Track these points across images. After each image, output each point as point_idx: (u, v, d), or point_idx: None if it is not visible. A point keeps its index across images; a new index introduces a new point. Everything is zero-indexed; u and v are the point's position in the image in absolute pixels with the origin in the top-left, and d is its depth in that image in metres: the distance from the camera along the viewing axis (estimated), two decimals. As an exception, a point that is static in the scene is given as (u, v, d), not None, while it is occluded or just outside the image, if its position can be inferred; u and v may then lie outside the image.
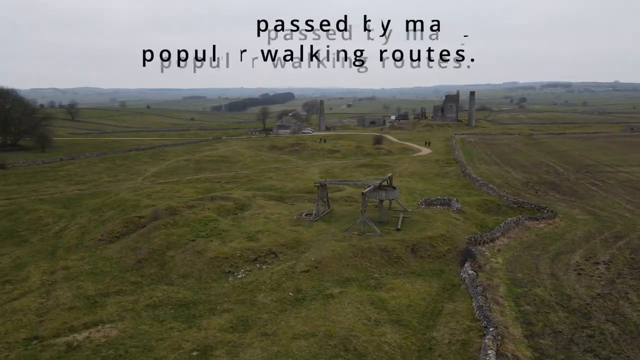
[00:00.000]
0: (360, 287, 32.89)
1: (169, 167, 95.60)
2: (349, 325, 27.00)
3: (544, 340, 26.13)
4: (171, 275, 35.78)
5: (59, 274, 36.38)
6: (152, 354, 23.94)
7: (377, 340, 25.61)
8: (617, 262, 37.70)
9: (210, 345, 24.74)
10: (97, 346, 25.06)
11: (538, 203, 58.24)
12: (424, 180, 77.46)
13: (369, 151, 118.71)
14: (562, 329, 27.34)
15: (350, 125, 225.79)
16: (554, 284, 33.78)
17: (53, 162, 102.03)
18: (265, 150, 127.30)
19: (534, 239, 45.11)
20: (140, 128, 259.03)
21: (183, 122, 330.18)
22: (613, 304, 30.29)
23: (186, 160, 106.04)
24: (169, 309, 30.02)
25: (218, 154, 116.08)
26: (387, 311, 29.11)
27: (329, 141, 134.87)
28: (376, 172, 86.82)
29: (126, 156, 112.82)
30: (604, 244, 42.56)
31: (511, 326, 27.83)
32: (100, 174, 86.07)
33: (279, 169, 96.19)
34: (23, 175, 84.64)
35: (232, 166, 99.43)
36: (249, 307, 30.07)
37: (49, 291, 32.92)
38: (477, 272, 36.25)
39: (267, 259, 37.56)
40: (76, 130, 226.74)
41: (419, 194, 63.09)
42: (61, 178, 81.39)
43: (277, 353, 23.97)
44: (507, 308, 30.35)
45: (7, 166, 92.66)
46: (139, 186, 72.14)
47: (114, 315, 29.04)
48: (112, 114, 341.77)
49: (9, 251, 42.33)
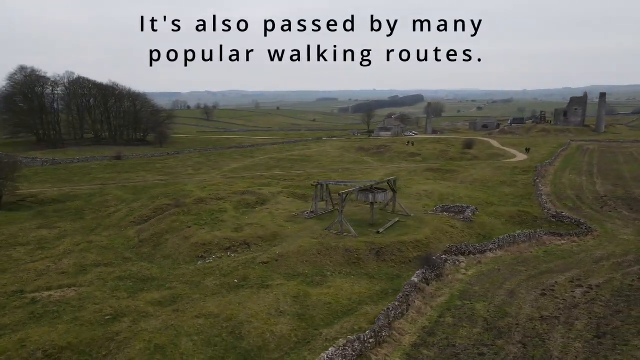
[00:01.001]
0: (300, 282, 34.57)
1: (248, 164, 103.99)
2: (254, 313, 29.21)
3: (427, 351, 25.52)
4: (156, 255, 41.31)
5: (81, 246, 44.29)
6: (77, 313, 29.08)
7: (265, 328, 27.50)
8: (606, 288, 33.63)
9: (124, 312, 29.11)
10: (50, 302, 31.10)
11: (580, 218, 52.52)
12: (483, 188, 73.51)
13: (452, 155, 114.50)
14: (459, 344, 26.25)
15: (461, 129, 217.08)
16: (503, 302, 31.73)
17: (160, 155, 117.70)
18: (353, 151, 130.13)
19: (536, 255, 41.65)
20: (262, 127, 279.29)
21: (305, 122, 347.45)
22: (546, 328, 27.79)
23: (270, 159, 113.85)
24: (130, 282, 35.26)
25: (303, 154, 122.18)
26: (301, 305, 30.59)
27: (419, 144, 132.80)
28: (440, 177, 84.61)
29: (221, 153, 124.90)
30: (613, 267, 37.84)
31: (409, 334, 27.49)
32: (187, 168, 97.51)
33: (348, 169, 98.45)
34: (129, 165, 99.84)
35: (307, 165, 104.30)
36: (190, 288, 33.92)
37: (61, 259, 40.63)
38: (433, 280, 35.43)
39: (240, 248, 41.03)
40: (206, 128, 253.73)
41: (457, 200, 60.68)
42: (154, 169, 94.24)
43: (169, 325, 27.36)
44: (425, 317, 29.69)
45: (122, 158, 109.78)
46: (206, 179, 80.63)
47: (86, 282, 35.18)
48: (244, 115, 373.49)
49: (63, 225, 52.15)
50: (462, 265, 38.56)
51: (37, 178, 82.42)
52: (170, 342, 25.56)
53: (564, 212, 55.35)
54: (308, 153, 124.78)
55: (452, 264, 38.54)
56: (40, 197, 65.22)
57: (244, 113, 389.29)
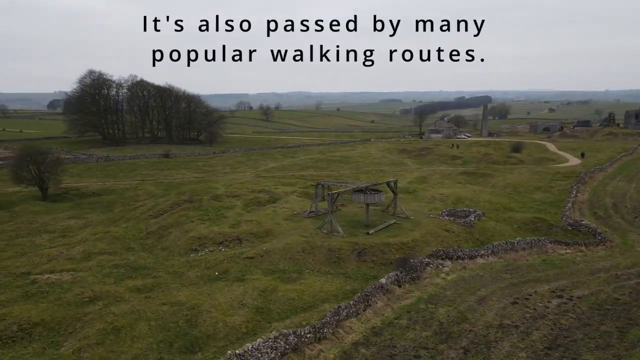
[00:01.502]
0: (276, 278, 35.80)
1: (286, 164, 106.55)
2: (217, 304, 30.84)
3: (364, 350, 25.88)
4: (157, 246, 44.26)
5: (97, 235, 48.33)
6: (62, 294, 32.16)
7: (220, 319, 29.06)
8: (588, 300, 32.04)
9: (102, 296, 31.82)
10: (45, 284, 34.60)
11: (598, 228, 49.54)
12: (512, 193, 70.81)
13: (495, 159, 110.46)
14: (400, 345, 26.36)
15: (520, 132, 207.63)
16: (468, 308, 31.20)
17: (206, 154, 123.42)
18: (395, 153, 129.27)
19: (531, 264, 40.07)
20: (318, 128, 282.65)
21: (363, 124, 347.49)
22: (500, 336, 27.16)
23: (310, 159, 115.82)
24: (123, 269, 38.21)
25: (344, 155, 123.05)
26: (264, 299, 31.84)
27: (465, 147, 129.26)
28: (472, 180, 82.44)
29: (264, 153, 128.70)
30: (609, 279, 35.82)
31: (355, 333, 27.91)
32: (226, 166, 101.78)
33: (382, 171, 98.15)
34: (173, 163, 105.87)
35: (343, 166, 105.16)
36: (172, 278, 36.24)
37: (74, 246, 44.68)
38: (406, 283, 35.37)
39: (231, 243, 42.96)
40: (263, 129, 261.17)
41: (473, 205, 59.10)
42: (195, 167, 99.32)
43: (135, 310, 29.63)
44: (379, 318, 29.90)
45: (170, 156, 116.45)
46: (237, 178, 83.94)
47: (86, 267, 38.60)
48: (303, 115, 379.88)
49: (91, 216, 56.92)
50: (445, 270, 37.98)
51: (88, 173, 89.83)
52: (129, 325, 27.80)
53: (584, 220, 52.33)
54: (350, 154, 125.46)
55: (434, 267, 38.08)
56: (82, 190, 71.28)
57: (302, 114, 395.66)
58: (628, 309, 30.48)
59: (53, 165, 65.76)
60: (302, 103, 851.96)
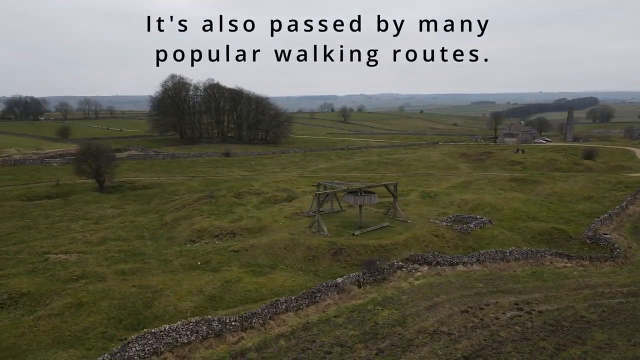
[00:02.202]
0: (248, 271, 37.77)
1: (335, 165, 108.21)
2: (179, 290, 33.55)
3: (283, 342, 27.09)
4: (164, 236, 48.39)
5: (123, 224, 53.80)
6: (57, 272, 36.85)
7: (174, 302, 31.76)
8: (549, 315, 30.41)
9: (88, 275, 36.02)
10: (52, 262, 39.75)
11: (616, 243, 45.40)
12: (556, 202, 66.37)
13: (560, 166, 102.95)
14: (319, 341, 27.19)
15: (612, 137, 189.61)
16: (414, 312, 31.07)
17: (265, 154, 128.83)
18: (455, 157, 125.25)
19: (516, 275, 38.27)
20: (394, 130, 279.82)
21: (444, 126, 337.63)
22: (424, 341, 26.97)
23: (362, 161, 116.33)
24: (123, 255, 42.53)
25: (400, 157, 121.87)
26: (223, 289, 33.99)
27: (531, 152, 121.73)
28: (517, 187, 78.45)
29: (321, 154, 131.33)
30: (590, 296, 33.51)
31: (286, 326, 29.18)
32: (276, 166, 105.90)
33: (430, 174, 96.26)
34: (229, 161, 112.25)
35: (391, 169, 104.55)
36: (159, 264, 39.74)
37: (98, 232, 50.28)
38: (368, 284, 35.71)
39: (226, 237, 45.78)
40: (338, 130, 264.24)
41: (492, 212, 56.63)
42: (247, 166, 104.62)
43: (107, 289, 33.26)
44: (318, 315, 30.82)
45: (231, 155, 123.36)
46: (279, 177, 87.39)
47: (95, 251, 43.55)
48: (383, 117, 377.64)
49: (128, 207, 63.10)
50: (417, 274, 37.56)
51: (150, 168, 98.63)
52: (93, 301, 31.49)
53: (609, 234, 48.04)
54: (406, 157, 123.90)
55: (406, 271, 37.84)
56: (135, 183, 78.86)
57: (383, 116, 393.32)
58: (586, 327, 28.40)
59: (108, 161, 73.70)
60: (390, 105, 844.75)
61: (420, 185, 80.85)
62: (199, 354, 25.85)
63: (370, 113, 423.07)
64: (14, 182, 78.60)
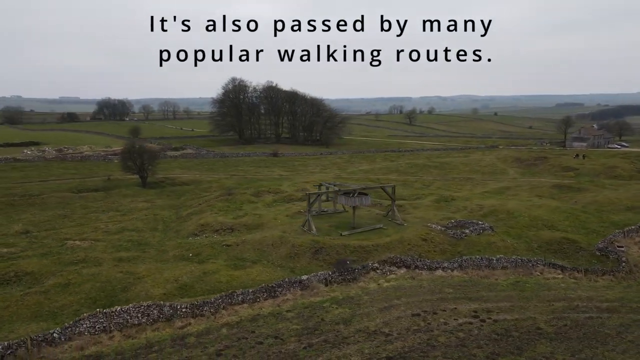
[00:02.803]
0: (229, 264, 39.87)
1: (376, 167, 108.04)
2: (158, 277, 36.31)
3: (226, 331, 28.78)
4: (173, 229, 51.89)
5: (145, 216, 58.25)
6: (64, 255, 41.15)
7: (148, 288, 34.50)
8: (499, 325, 29.60)
9: (88, 260, 39.97)
10: (66, 247, 44.37)
11: (625, 255, 42.07)
12: (591, 211, 62.32)
13: (620, 173, 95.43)
14: (258, 331, 28.56)
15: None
16: (364, 313, 31.52)
17: (312, 155, 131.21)
18: (509, 162, 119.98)
19: (496, 283, 37.14)
20: (459, 133, 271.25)
21: (517, 129, 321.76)
22: (358, 339, 27.53)
23: (407, 164, 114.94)
24: (130, 244, 46.34)
25: (447, 161, 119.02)
26: (197, 279, 36.31)
27: (593, 158, 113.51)
28: (557, 195, 74.62)
29: (368, 156, 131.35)
30: (559, 309, 32.07)
31: (235, 316, 30.84)
32: (317, 167, 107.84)
33: (470, 179, 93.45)
34: (274, 161, 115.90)
35: (433, 172, 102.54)
36: (156, 254, 42.97)
37: (120, 222, 54.97)
38: (336, 283, 36.43)
39: (225, 232, 48.29)
40: (400, 132, 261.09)
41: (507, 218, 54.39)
42: (289, 166, 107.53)
43: (97, 273, 36.80)
44: (271, 308, 32.15)
45: (279, 155, 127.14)
46: (313, 178, 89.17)
47: (107, 239, 47.85)
48: (452, 120, 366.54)
49: (159, 201, 67.87)
50: (390, 277, 37.59)
51: (197, 166, 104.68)
52: (79, 282, 35.13)
53: (624, 247, 44.57)
54: (454, 160, 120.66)
55: (380, 273, 38.01)
56: (175, 180, 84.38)
57: (453, 118, 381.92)
58: (534, 339, 27.33)
59: (150, 159, 79.68)
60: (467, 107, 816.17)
61: (449, 189, 78.97)
62: (145, 335, 28.24)
63: (440, 115, 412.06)
64: (73, 176, 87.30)
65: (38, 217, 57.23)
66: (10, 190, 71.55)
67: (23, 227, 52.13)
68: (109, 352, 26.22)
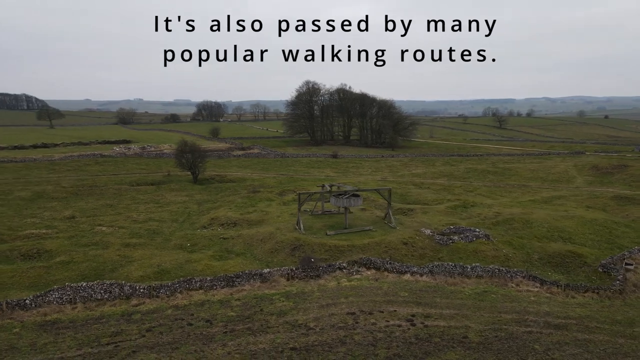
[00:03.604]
0: (215, 255, 43.02)
1: (429, 172, 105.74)
2: (145, 262, 40.61)
3: (171, 312, 31.91)
4: (188, 221, 56.41)
5: (177, 209, 63.85)
6: (84, 238, 47.24)
7: (132, 271, 38.85)
8: (427, 331, 29.46)
9: (99, 243, 45.54)
10: (90, 231, 50.63)
11: (624, 274, 38.28)
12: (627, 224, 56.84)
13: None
14: (196, 315, 31.27)
15: None
16: (305, 307, 33.06)
17: (373, 157, 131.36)
18: (585, 170, 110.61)
19: (460, 291, 36.39)
20: (555, 138, 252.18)
21: (629, 135, 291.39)
22: (279, 329, 29.16)
23: (466, 169, 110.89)
24: (145, 232, 51.39)
25: (511, 167, 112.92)
26: (178, 266, 39.96)
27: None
28: (616, 207, 69.08)
29: (430, 159, 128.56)
30: (504, 321, 31.03)
31: (187, 299, 33.84)
32: (369, 169, 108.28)
33: (524, 186, 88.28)
34: (329, 162, 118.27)
35: (489, 177, 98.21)
36: (159, 242, 47.48)
37: (151, 213, 60.94)
38: (297, 278, 38.04)
39: (228, 226, 51.70)
40: (486, 137, 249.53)
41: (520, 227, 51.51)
42: (341, 168, 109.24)
43: (98, 254, 42.11)
44: (222, 296, 34.70)
45: (338, 157, 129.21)
46: (351, 179, 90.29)
47: (130, 227, 53.52)
48: (547, 123, 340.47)
49: (197, 196, 73.44)
50: (355, 277, 38.27)
51: (253, 165, 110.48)
52: (79, 261, 40.42)
53: (632, 265, 40.43)
54: (520, 167, 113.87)
55: (347, 272, 38.86)
56: (224, 177, 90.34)
57: (551, 122, 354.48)
58: (450, 347, 27.06)
59: (200, 158, 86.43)
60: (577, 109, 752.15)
61: (490, 195, 75.64)
62: (102, 309, 32.32)
63: (538, 118, 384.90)
64: (140, 171, 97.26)
65: (89, 205, 65.40)
66: (82, 182, 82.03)
67: (72, 212, 60.12)
68: (64, 320, 30.61)
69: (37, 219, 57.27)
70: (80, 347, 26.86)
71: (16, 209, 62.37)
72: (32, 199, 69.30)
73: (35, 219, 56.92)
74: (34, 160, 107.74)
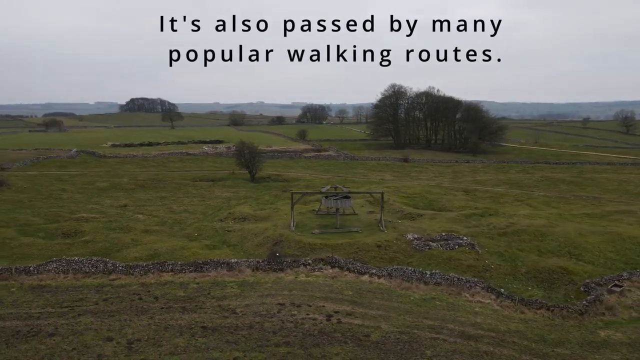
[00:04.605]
0: (210, 244, 47.87)
1: (491, 179, 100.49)
2: (150, 246, 46.55)
3: (144, 289, 37.02)
4: (212, 214, 62.00)
5: (215, 203, 70.17)
6: (116, 223, 55.00)
7: (131, 252, 45.12)
8: (331, 326, 30.89)
9: (124, 228, 52.77)
10: (122, 217, 58.53)
11: (602, 296, 34.92)
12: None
13: None
14: (151, 292, 35.94)
15: None
16: (243, 295, 35.92)
17: (443, 162, 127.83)
18: None
19: (407, 295, 36.86)
20: None
21: None
22: (204, 310, 32.65)
23: (540, 177, 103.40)
24: (172, 221, 57.87)
25: (591, 177, 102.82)
26: (170, 251, 45.32)
27: None
28: None
29: (502, 166, 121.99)
30: (416, 327, 30.76)
31: (155, 278, 38.75)
32: (427, 173, 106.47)
33: (595, 198, 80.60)
34: (395, 166, 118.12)
35: (560, 187, 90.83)
36: (175, 230, 53.54)
37: (191, 205, 67.78)
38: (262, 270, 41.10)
39: (239, 220, 56.08)
40: (610, 143, 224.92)
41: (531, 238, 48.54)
42: (403, 172, 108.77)
43: (113, 236, 49.17)
44: (185, 280, 39.04)
45: (409, 161, 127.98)
46: (398, 183, 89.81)
47: (163, 216, 60.55)
48: None
49: (242, 192, 79.26)
50: (315, 273, 40.29)
51: (317, 167, 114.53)
52: (99, 241, 47.79)
53: (622, 287, 36.55)
54: (613, 178, 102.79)
55: (310, 268, 41.01)
56: (280, 177, 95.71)
57: None
58: (342, 341, 28.48)
59: (254, 158, 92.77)
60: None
61: (539, 206, 70.51)
62: (85, 280, 38.61)
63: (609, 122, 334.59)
64: (210, 168, 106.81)
65: (145, 196, 74.64)
66: (155, 176, 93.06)
67: (127, 202, 69.48)
68: (52, 285, 37.32)
69: (97, 205, 67.27)
70: (44, 307, 32.97)
71: (88, 197, 73.63)
72: (106, 189, 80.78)
73: (96, 206, 66.94)
74: (132, 157, 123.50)
